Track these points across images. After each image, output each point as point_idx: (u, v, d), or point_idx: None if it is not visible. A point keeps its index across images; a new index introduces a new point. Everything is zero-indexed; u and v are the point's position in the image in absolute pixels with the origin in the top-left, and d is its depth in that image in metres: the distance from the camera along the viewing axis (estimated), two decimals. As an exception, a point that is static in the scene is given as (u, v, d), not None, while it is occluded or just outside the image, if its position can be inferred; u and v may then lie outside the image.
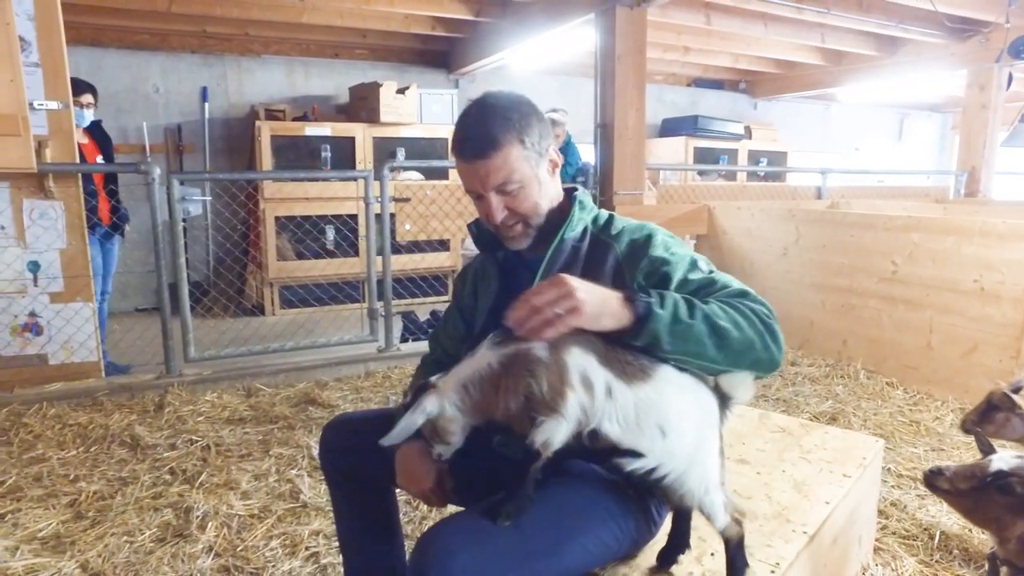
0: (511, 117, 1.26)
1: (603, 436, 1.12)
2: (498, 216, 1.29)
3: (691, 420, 1.17)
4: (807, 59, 7.27)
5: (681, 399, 1.16)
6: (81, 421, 3.03)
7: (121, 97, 5.72)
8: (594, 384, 1.10)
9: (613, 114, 4.48)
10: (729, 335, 1.11)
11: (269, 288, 5.60)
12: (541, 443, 1.09)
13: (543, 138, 1.30)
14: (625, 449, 1.13)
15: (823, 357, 4.06)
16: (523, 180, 1.27)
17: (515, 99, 1.30)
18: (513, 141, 1.25)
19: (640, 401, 1.12)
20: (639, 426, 1.13)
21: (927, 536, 2.17)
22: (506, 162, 1.25)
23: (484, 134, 1.25)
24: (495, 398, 1.13)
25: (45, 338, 3.40)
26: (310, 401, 3.39)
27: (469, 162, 1.27)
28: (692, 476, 1.17)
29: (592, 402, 1.10)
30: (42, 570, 1.91)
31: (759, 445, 1.90)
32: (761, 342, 1.13)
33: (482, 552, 1.05)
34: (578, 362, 1.10)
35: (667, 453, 1.14)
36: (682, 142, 7.50)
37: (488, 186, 1.27)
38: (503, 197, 1.28)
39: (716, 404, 1.22)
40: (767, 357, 1.14)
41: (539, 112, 1.32)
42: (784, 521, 1.49)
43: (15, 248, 3.28)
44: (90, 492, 2.37)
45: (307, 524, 2.18)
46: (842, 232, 3.93)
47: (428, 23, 5.99)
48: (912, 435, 3.04)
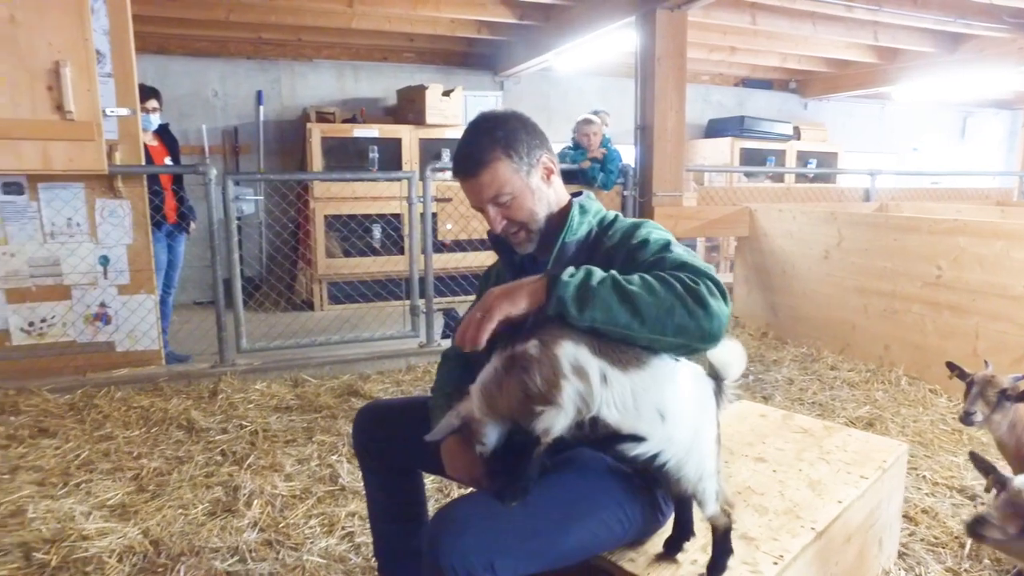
0: (497, 135, 1.35)
1: (603, 422, 1.18)
2: (497, 226, 1.40)
3: (688, 406, 1.22)
4: (860, 57, 7.07)
5: (677, 385, 1.21)
6: (143, 404, 3.25)
7: (183, 101, 6.04)
8: (588, 372, 1.16)
9: (653, 116, 4.50)
10: (639, 299, 1.13)
11: (318, 284, 5.82)
12: (541, 430, 1.17)
13: (533, 149, 1.38)
14: (627, 434, 1.19)
15: (864, 362, 3.99)
16: (514, 191, 1.36)
17: (504, 116, 1.39)
18: (500, 157, 1.34)
19: (636, 386, 1.18)
20: (637, 410, 1.18)
21: (957, 544, 2.15)
22: (495, 177, 1.35)
23: (472, 153, 1.36)
24: (501, 398, 1.22)
25: (113, 327, 3.65)
26: (353, 392, 3.54)
27: (463, 180, 1.38)
28: (690, 463, 1.23)
29: (589, 389, 1.16)
30: (110, 533, 2.10)
31: (779, 444, 1.93)
32: (683, 306, 1.13)
33: (490, 528, 1.14)
34: (569, 353, 1.16)
35: (667, 438, 1.20)
36: (728, 143, 7.42)
37: (483, 200, 1.37)
38: (499, 208, 1.38)
39: (712, 391, 1.27)
40: (693, 324, 1.13)
41: (529, 126, 1.40)
42: (794, 517, 1.53)
43: (88, 243, 3.54)
44: (151, 468, 2.57)
45: (344, 506, 2.31)
46: (885, 235, 3.86)
47: (474, 27, 6.11)
48: (953, 444, 2.98)
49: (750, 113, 7.93)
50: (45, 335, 3.55)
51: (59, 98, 3.13)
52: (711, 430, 1.26)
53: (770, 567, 1.35)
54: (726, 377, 1.26)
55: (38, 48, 3.09)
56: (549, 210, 1.42)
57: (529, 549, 1.17)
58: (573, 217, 1.41)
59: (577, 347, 1.17)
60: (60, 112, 3.15)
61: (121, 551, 2.00)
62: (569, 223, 1.40)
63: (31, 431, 2.92)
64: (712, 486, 1.26)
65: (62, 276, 3.54)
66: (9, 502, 2.30)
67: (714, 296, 1.15)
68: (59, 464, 2.61)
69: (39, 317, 3.53)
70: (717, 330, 1.15)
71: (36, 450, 2.72)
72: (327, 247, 5.77)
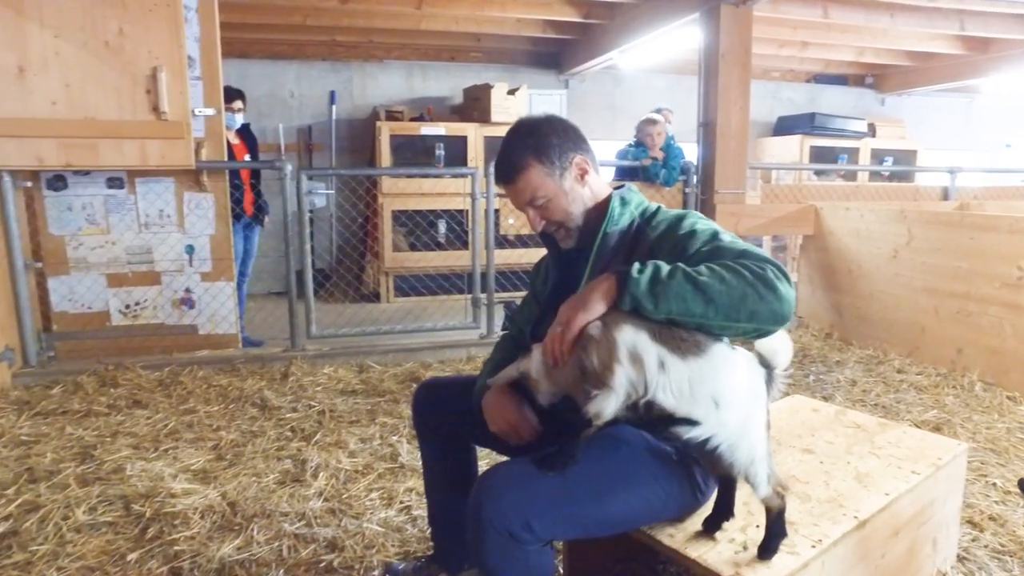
0: (528, 143, 1.44)
1: (658, 406, 1.24)
2: (537, 225, 1.50)
3: (741, 394, 1.27)
4: (945, 49, 6.71)
5: (733, 374, 1.26)
6: (222, 383, 3.50)
7: (262, 102, 6.39)
8: (644, 359, 1.22)
9: (716, 113, 4.47)
10: (712, 289, 1.19)
11: (384, 277, 6.05)
12: (594, 413, 1.24)
13: (565, 152, 1.46)
14: (681, 418, 1.25)
15: (934, 366, 3.85)
16: (548, 194, 1.45)
17: (536, 123, 1.47)
18: (531, 163, 1.43)
19: (694, 373, 1.23)
20: (693, 397, 1.23)
21: (1025, 553, 2.08)
22: (528, 183, 1.44)
23: (507, 161, 1.46)
24: (559, 369, 1.30)
25: (196, 311, 3.94)
26: (415, 379, 3.70)
27: (502, 185, 1.49)
28: (741, 447, 1.27)
29: (642, 375, 1.22)
30: (194, 493, 2.31)
31: (829, 438, 1.93)
32: (754, 292, 1.19)
33: (528, 491, 1.23)
34: (628, 339, 1.23)
35: (720, 424, 1.25)
36: (797, 141, 7.22)
37: (521, 203, 1.48)
38: (537, 210, 1.47)
39: (764, 379, 1.31)
40: (766, 308, 1.19)
41: (561, 130, 1.47)
42: (837, 506, 1.55)
43: (176, 233, 3.84)
44: (228, 440, 2.79)
45: (403, 482, 2.44)
46: (960, 234, 3.70)
47: (539, 26, 6.20)
48: (1030, 453, 2.85)
49: (822, 110, 7.68)
50: (139, 317, 3.87)
51: (155, 100, 3.42)
52: (761, 416, 1.30)
53: (808, 550, 1.38)
54: (775, 366, 1.31)
55: (140, 56, 3.39)
56: (585, 207, 1.49)
57: (565, 514, 1.25)
58: (613, 209, 1.47)
59: (637, 332, 1.23)
60: (156, 113, 3.44)
61: (203, 509, 2.20)
62: (610, 214, 1.47)
63: (127, 402, 3.21)
64: (764, 469, 1.30)
65: (153, 263, 3.85)
66: (112, 461, 2.56)
67: (780, 280, 1.21)
68: (150, 432, 2.86)
69: (134, 300, 3.85)
70: (788, 312, 1.22)
71: (131, 419, 3.00)
72: (394, 241, 5.98)
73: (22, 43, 3.26)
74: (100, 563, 1.92)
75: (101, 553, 1.97)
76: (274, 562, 1.94)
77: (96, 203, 3.72)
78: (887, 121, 8.06)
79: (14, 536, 2.05)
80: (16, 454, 2.63)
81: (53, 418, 3.02)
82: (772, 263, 1.25)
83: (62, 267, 3.73)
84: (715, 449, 1.27)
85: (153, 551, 1.99)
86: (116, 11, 3.35)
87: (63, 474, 2.44)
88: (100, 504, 2.24)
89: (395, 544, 2.05)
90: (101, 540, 2.03)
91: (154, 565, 1.92)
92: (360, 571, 1.91)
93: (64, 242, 3.71)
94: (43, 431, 2.86)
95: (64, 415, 3.05)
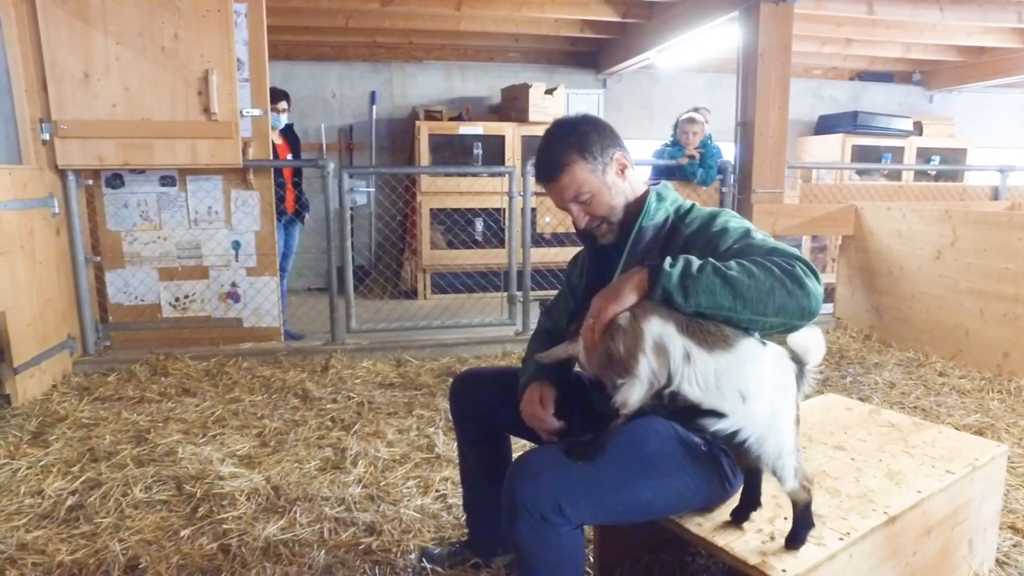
0: (570, 140, 1.47)
1: (683, 397, 1.28)
2: (581, 222, 1.53)
3: (769, 388, 1.29)
4: (999, 43, 6.42)
5: (760, 368, 1.29)
6: (265, 374, 3.64)
7: (305, 103, 6.57)
8: (670, 350, 1.26)
9: (754, 112, 4.44)
10: (741, 283, 1.22)
11: (422, 273, 6.16)
12: (620, 403, 1.29)
13: (606, 149, 1.49)
14: (707, 409, 1.28)
15: (979, 369, 3.76)
16: (592, 189, 1.49)
17: (575, 121, 1.51)
18: (575, 160, 1.47)
19: (720, 367, 1.26)
20: (719, 390, 1.27)
21: (1068, 560, 2.04)
22: (573, 180, 1.48)
23: (549, 160, 1.49)
24: (593, 355, 1.35)
25: (241, 305, 4.10)
26: (451, 374, 3.77)
27: (545, 184, 1.52)
28: (769, 441, 1.30)
29: (666, 366, 1.26)
30: (240, 476, 2.42)
31: (861, 436, 1.93)
32: (782, 288, 1.22)
33: (560, 476, 1.28)
34: (655, 330, 1.27)
35: (747, 417, 1.28)
36: (838, 140, 7.08)
37: (565, 200, 1.51)
38: (581, 206, 1.51)
39: (794, 373, 1.33)
40: (793, 303, 1.23)
41: (600, 127, 1.51)
42: (867, 501, 1.56)
43: (224, 230, 4.00)
44: (271, 428, 2.91)
45: (439, 472, 2.52)
46: (1008, 235, 3.61)
47: (577, 26, 6.23)
48: (1077, 459, 2.78)
49: (866, 108, 7.51)
50: (187, 309, 4.05)
51: (206, 102, 3.58)
52: (790, 410, 1.32)
53: (835, 542, 1.40)
54: (806, 362, 1.32)
55: (193, 59, 3.55)
56: (626, 200, 1.53)
57: (595, 500, 1.30)
58: (650, 204, 1.51)
59: (665, 324, 1.27)
60: (207, 114, 3.59)
61: (249, 492, 2.31)
62: (646, 209, 1.51)
63: (177, 390, 3.36)
64: (791, 463, 1.32)
65: (202, 258, 4.02)
66: (164, 444, 2.70)
67: (809, 276, 1.25)
68: (199, 418, 3.00)
69: (183, 294, 4.03)
70: (815, 308, 1.25)
71: (181, 406, 3.15)
72: (432, 239, 6.09)
73: (87, 50, 3.46)
74: (156, 537, 2.04)
75: (156, 528, 2.09)
76: (316, 543, 2.03)
77: (150, 200, 3.90)
78: (935, 119, 7.84)
79: (80, 509, 2.20)
80: (79, 435, 2.80)
81: (110, 403, 3.19)
82: (801, 259, 1.28)
83: (118, 261, 3.92)
84: (743, 442, 1.30)
85: (203, 528, 2.10)
86: (172, 17, 3.51)
87: (120, 455, 2.59)
88: (155, 483, 2.38)
89: (431, 530, 2.12)
90: (156, 516, 2.16)
91: (204, 541, 2.03)
92: (397, 554, 1.98)
93: (120, 237, 3.91)
94: (101, 415, 3.03)
95: (120, 401, 3.22)
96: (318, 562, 1.93)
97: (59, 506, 2.22)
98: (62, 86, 3.47)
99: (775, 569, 1.31)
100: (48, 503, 2.24)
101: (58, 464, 2.52)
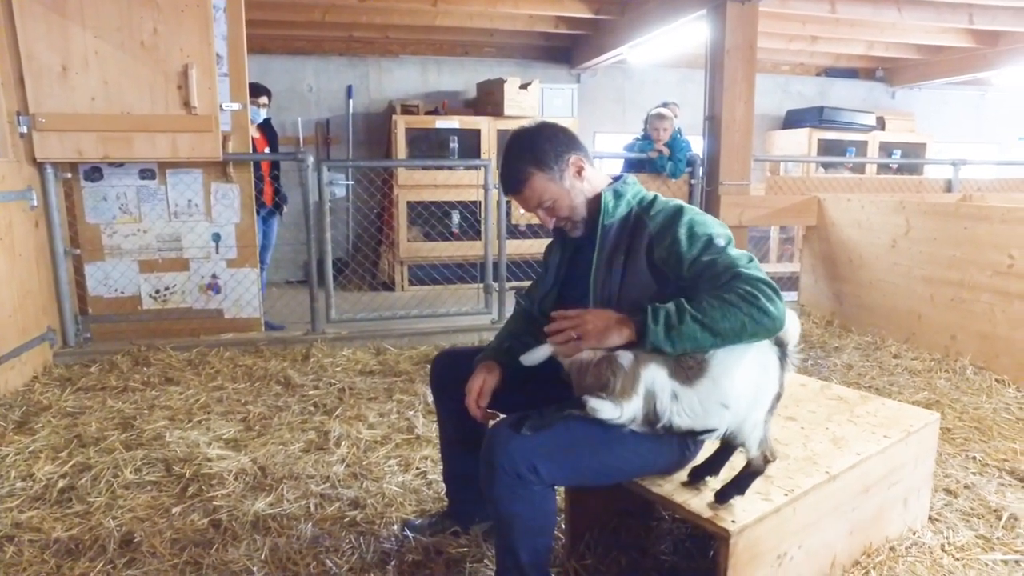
0: (527, 155, 1.60)
1: (676, 428, 1.47)
2: (548, 223, 1.69)
3: (749, 385, 1.46)
4: (955, 42, 6.73)
5: (737, 370, 1.44)
6: (247, 363, 3.72)
7: (281, 96, 6.59)
8: (658, 394, 1.45)
9: (721, 107, 4.61)
10: (717, 325, 1.39)
11: (400, 265, 6.25)
12: (592, 407, 1.45)
13: (560, 156, 1.62)
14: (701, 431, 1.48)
15: (929, 351, 3.98)
16: (553, 196, 1.62)
17: (531, 133, 1.64)
18: (533, 172, 1.60)
19: (701, 393, 1.44)
20: (705, 411, 1.45)
21: (994, 517, 2.22)
22: (533, 191, 1.62)
23: (510, 175, 1.63)
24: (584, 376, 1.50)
25: (222, 296, 4.16)
26: (429, 361, 3.85)
27: (509, 196, 1.67)
28: (748, 423, 1.48)
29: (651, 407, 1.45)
30: (227, 459, 2.52)
31: (812, 408, 2.10)
32: (750, 320, 1.39)
33: (535, 438, 1.42)
34: (649, 377, 1.45)
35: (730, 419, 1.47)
36: (805, 134, 7.32)
37: (530, 208, 1.66)
38: (545, 210, 1.65)
39: (777, 355, 1.49)
40: (763, 330, 1.41)
41: (553, 136, 1.63)
42: (811, 463, 1.72)
43: (204, 222, 4.05)
44: (256, 413, 3.00)
45: (419, 451, 2.64)
46: (955, 224, 3.83)
47: (551, 22, 6.35)
48: (1015, 432, 2.98)
49: (832, 103, 7.77)
50: (168, 301, 4.10)
51: (186, 96, 3.63)
52: (772, 388, 1.49)
53: (781, 497, 1.55)
54: (787, 342, 1.50)
55: (172, 53, 3.60)
56: (587, 199, 1.66)
57: (566, 462, 1.44)
58: (607, 203, 1.63)
59: (658, 370, 1.45)
60: (187, 108, 3.64)
61: (236, 471, 2.41)
62: (603, 208, 1.63)
63: (160, 379, 3.43)
64: (759, 434, 1.50)
65: (182, 250, 4.07)
66: (151, 429, 2.78)
67: (772, 301, 1.41)
68: (183, 406, 3.08)
69: (164, 285, 4.07)
70: (780, 327, 1.44)
71: (165, 394, 3.22)
72: (409, 231, 6.17)
73: (65, 44, 3.48)
74: (148, 514, 2.13)
75: (148, 506, 2.18)
76: (302, 517, 2.14)
77: (129, 193, 3.94)
78: (896, 114, 8.12)
79: (72, 490, 2.28)
80: (64, 423, 2.86)
81: (94, 393, 3.25)
82: (763, 282, 1.43)
83: (97, 254, 3.95)
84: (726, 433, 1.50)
85: (194, 506, 2.20)
86: (150, 12, 3.55)
87: (108, 440, 2.66)
88: (144, 465, 2.46)
89: (412, 504, 2.24)
90: (148, 496, 2.25)
91: (196, 517, 2.13)
92: (381, 525, 2.10)
93: (100, 230, 3.94)
94: (86, 404, 3.09)
95: (103, 390, 3.28)
96: (305, 534, 2.04)
97: (51, 488, 2.29)
98: (39, 80, 3.49)
99: (725, 520, 1.46)
100: (39, 486, 2.32)
101: (46, 450, 2.59)
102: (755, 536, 1.48)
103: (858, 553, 1.85)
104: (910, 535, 2.03)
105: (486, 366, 1.72)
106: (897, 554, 1.93)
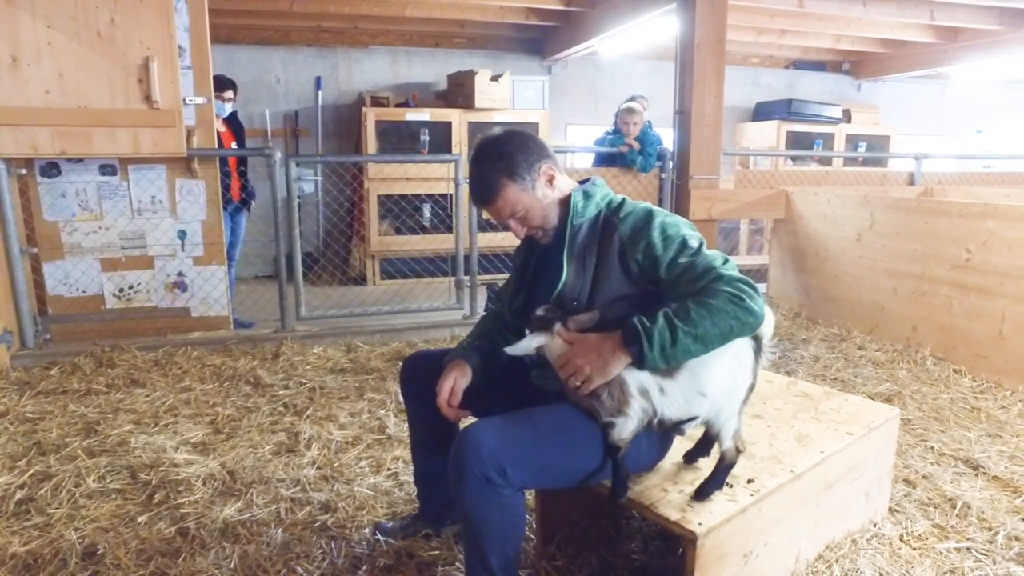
0: (499, 166, 1.57)
1: (668, 420, 1.51)
2: (520, 234, 1.67)
3: (724, 372, 1.50)
4: (916, 37, 6.92)
5: (713, 361, 1.48)
6: (216, 363, 3.65)
7: (248, 88, 6.45)
8: (649, 390, 1.48)
9: (691, 101, 4.63)
10: (708, 334, 1.42)
11: (371, 260, 6.19)
12: (618, 438, 1.49)
13: (532, 165, 1.60)
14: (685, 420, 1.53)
15: (892, 343, 4.08)
16: (526, 206, 1.60)
17: (501, 143, 1.60)
18: (506, 184, 1.58)
19: (682, 384, 1.49)
20: (688, 401, 1.50)
21: (949, 506, 2.29)
22: (506, 202, 1.59)
23: (481, 187, 1.61)
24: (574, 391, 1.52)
25: (189, 294, 4.07)
26: (401, 358, 3.85)
27: (480, 207, 1.64)
28: (724, 411, 1.54)
29: (650, 403, 1.49)
30: (195, 463, 2.48)
31: (778, 405, 2.13)
32: (737, 322, 1.43)
33: (502, 443, 1.42)
34: (635, 377, 1.48)
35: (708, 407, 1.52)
36: (774, 126, 7.41)
37: (502, 219, 1.63)
38: (518, 220, 1.63)
39: (752, 348, 1.54)
40: (747, 328, 1.45)
41: (524, 145, 1.60)
42: (777, 462, 1.75)
43: (169, 219, 3.96)
44: (224, 415, 2.95)
45: (390, 451, 2.63)
46: (916, 219, 3.92)
47: (522, 13, 6.31)
48: (970, 421, 3.08)
49: (801, 96, 7.87)
50: (132, 300, 4.00)
51: (148, 89, 3.53)
52: (746, 380, 1.55)
53: (746, 498, 1.58)
54: (762, 336, 1.54)
55: (131, 45, 3.49)
56: (558, 206, 1.65)
57: (535, 464, 1.45)
58: (576, 204, 1.63)
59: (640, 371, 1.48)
60: (148, 102, 3.54)
61: (205, 477, 2.37)
62: (572, 209, 1.63)
63: (125, 381, 3.35)
64: (732, 425, 1.56)
65: (147, 248, 3.97)
66: (116, 435, 2.72)
67: (754, 300, 1.44)
68: (150, 408, 3.02)
69: (128, 284, 3.98)
70: (761, 322, 1.48)
71: (130, 396, 3.15)
72: (379, 225, 6.11)
73: (14, 33, 3.35)
74: (113, 524, 2.09)
75: (113, 516, 2.14)
76: (273, 522, 2.12)
77: (89, 190, 3.82)
78: (862, 107, 8.27)
79: (31, 502, 2.21)
80: (23, 430, 2.78)
81: (54, 397, 3.17)
82: (741, 281, 1.46)
83: (56, 252, 3.84)
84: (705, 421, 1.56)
85: (161, 514, 2.16)
86: (107, 1, 3.44)
87: (70, 447, 2.60)
88: (108, 473, 2.41)
89: (384, 506, 2.23)
90: (112, 505, 2.20)
91: (163, 526, 2.09)
92: (352, 529, 2.09)
93: (58, 228, 3.82)
94: (46, 409, 3.01)
95: (65, 394, 3.20)
96: (276, 540, 2.02)
97: (7, 500, 2.23)
98: (-11, 72, 3.36)
99: (692, 523, 1.48)
100: (-4, 497, 2.25)
101: (2, 459, 2.52)
102: (722, 537, 1.51)
103: (821, 547, 1.90)
104: (871, 527, 2.09)
105: (456, 365, 1.72)
106: (859, 546, 1.98)
